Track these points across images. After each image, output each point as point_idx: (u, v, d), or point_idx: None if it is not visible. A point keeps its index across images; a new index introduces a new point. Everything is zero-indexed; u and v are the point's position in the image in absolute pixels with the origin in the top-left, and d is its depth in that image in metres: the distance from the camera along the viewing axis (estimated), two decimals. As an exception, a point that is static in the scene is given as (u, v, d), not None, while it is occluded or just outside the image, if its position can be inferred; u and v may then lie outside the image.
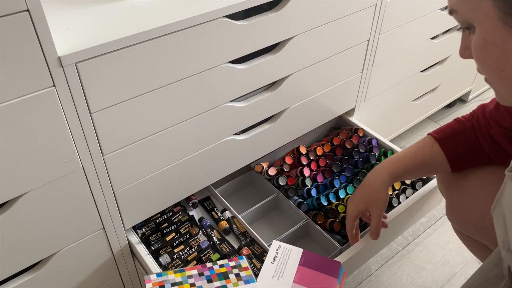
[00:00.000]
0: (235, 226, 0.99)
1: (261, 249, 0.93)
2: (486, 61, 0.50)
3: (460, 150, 0.81)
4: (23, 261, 0.77)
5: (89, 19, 0.72)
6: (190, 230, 0.95)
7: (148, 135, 0.80)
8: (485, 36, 0.48)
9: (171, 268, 0.87)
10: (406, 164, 0.85)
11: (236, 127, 0.96)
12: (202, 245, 0.92)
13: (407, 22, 1.19)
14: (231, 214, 1.01)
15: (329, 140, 1.19)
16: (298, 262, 0.80)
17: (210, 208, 1.04)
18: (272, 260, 0.80)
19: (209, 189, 1.07)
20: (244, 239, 0.96)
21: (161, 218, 0.97)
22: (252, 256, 0.91)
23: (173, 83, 0.77)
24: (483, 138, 0.79)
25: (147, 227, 0.95)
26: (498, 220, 0.60)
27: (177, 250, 0.90)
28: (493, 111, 0.77)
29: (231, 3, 0.77)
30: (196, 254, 0.90)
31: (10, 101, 0.61)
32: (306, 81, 1.03)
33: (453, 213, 0.86)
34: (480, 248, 0.88)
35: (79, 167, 0.74)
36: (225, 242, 0.96)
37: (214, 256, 0.90)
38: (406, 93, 1.41)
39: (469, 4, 0.48)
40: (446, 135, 0.82)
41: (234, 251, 0.93)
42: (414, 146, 0.86)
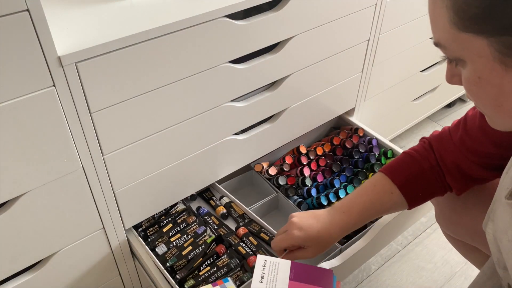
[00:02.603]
0: (232, 209, 1.00)
1: (258, 226, 0.94)
2: (480, 96, 0.48)
3: (420, 193, 0.76)
4: (23, 261, 0.77)
5: (89, 19, 0.72)
6: (187, 219, 0.96)
7: (148, 135, 0.80)
8: (479, 74, 0.45)
9: (168, 256, 0.87)
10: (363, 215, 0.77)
11: (236, 127, 0.96)
12: (198, 231, 0.93)
13: (407, 22, 1.19)
14: (229, 199, 1.02)
15: (329, 140, 1.19)
16: (288, 277, 0.74)
17: (208, 197, 1.05)
18: (260, 279, 0.73)
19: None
20: (243, 220, 0.97)
21: (159, 212, 0.98)
22: (249, 234, 0.92)
23: (173, 82, 0.77)
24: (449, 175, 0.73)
25: (146, 221, 0.96)
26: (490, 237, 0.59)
27: (173, 239, 0.91)
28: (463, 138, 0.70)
29: (231, 3, 0.77)
30: (192, 240, 0.91)
31: (10, 101, 0.61)
32: (306, 81, 1.03)
33: (443, 218, 0.85)
34: (472, 251, 0.87)
35: (79, 167, 0.74)
36: (223, 226, 0.97)
37: (209, 239, 0.91)
38: (406, 93, 1.41)
39: (460, 41, 0.44)
40: (405, 179, 0.75)
41: (232, 232, 0.94)
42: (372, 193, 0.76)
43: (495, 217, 0.57)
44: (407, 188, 0.75)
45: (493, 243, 0.59)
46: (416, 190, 0.75)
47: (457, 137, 0.71)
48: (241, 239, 0.93)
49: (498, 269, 0.60)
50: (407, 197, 0.75)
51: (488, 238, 0.60)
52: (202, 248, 0.89)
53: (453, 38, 0.45)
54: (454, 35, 0.44)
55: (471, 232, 0.79)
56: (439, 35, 0.47)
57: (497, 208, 0.57)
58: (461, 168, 0.72)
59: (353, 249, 0.90)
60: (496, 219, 0.57)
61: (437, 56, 1.42)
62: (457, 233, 0.84)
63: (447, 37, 0.46)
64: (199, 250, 0.89)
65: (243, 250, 0.90)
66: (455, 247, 0.93)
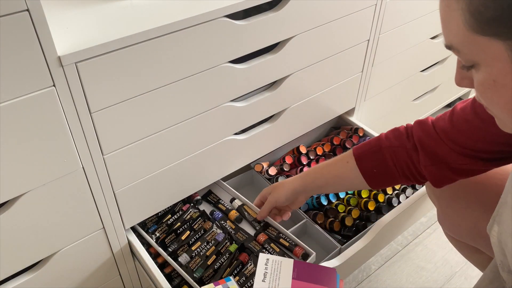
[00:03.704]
0: (246, 213, 0.98)
1: (276, 231, 0.93)
2: (494, 100, 0.47)
3: (374, 168, 0.80)
4: (23, 261, 0.77)
5: (89, 19, 0.72)
6: (204, 225, 0.94)
7: (148, 135, 0.80)
8: (494, 77, 0.44)
9: (192, 266, 0.86)
10: (317, 172, 0.88)
11: (236, 127, 0.96)
12: (218, 238, 0.92)
13: (407, 22, 1.19)
14: (241, 202, 1.01)
15: (329, 140, 1.19)
16: (291, 276, 0.74)
17: (215, 201, 1.03)
18: (262, 278, 0.74)
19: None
20: (258, 224, 0.96)
21: (172, 218, 0.96)
22: (269, 241, 0.91)
23: (173, 83, 0.77)
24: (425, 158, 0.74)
25: (160, 231, 0.94)
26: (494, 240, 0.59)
27: (194, 247, 0.90)
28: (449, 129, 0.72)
29: (231, 3, 0.77)
30: (213, 248, 0.90)
31: (10, 101, 0.61)
32: (306, 81, 1.03)
33: (446, 219, 0.84)
34: (474, 253, 0.87)
35: (79, 167, 0.74)
36: (240, 231, 0.95)
37: (232, 247, 0.90)
38: (406, 93, 1.41)
39: (475, 44, 0.43)
40: (363, 152, 0.81)
41: (251, 238, 0.93)
42: (333, 159, 0.87)
43: (501, 220, 0.57)
44: (361, 160, 0.81)
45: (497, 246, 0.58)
46: (370, 165, 0.81)
47: (440, 127, 0.73)
48: (263, 245, 0.91)
49: (501, 272, 0.60)
50: (361, 169, 0.81)
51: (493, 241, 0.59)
52: (227, 257, 0.88)
53: (468, 41, 0.43)
54: (469, 38, 0.43)
55: (474, 234, 0.79)
56: (452, 38, 0.46)
57: (503, 211, 0.56)
58: (440, 154, 0.73)
59: (353, 249, 0.90)
60: (502, 222, 0.56)
61: (437, 56, 1.42)
62: (459, 235, 0.84)
63: (461, 40, 0.44)
64: (224, 259, 0.88)
65: None
66: (457, 248, 0.93)
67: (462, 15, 0.42)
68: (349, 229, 1.00)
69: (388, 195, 1.07)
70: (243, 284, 0.84)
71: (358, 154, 0.81)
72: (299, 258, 0.88)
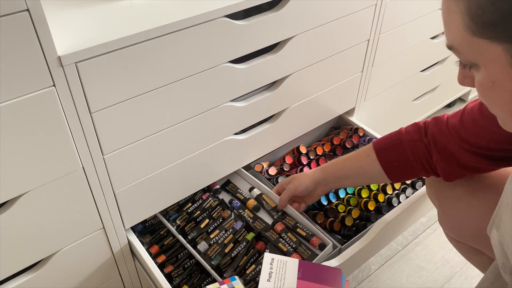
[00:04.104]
0: (265, 202, 0.99)
1: (294, 221, 0.95)
2: (494, 100, 0.48)
3: (394, 162, 0.82)
4: (23, 261, 0.77)
5: (89, 19, 0.72)
6: (222, 214, 0.96)
7: (148, 135, 0.80)
8: (493, 78, 0.45)
9: (210, 253, 0.87)
10: (338, 164, 0.91)
11: (236, 127, 0.96)
12: (236, 226, 0.93)
13: (407, 22, 1.19)
14: (259, 191, 1.02)
15: (329, 140, 1.19)
16: (297, 276, 0.74)
17: (233, 191, 1.04)
18: (268, 278, 0.73)
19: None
20: (276, 213, 0.97)
21: (193, 207, 0.98)
22: (286, 230, 0.92)
23: (173, 83, 0.78)
24: (438, 154, 0.77)
25: (181, 219, 0.96)
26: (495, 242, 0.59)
27: (212, 235, 0.91)
28: (458, 126, 0.74)
29: (231, 3, 0.77)
30: (231, 236, 0.91)
31: (10, 101, 0.61)
32: (306, 81, 1.03)
33: (447, 220, 0.84)
34: (475, 254, 0.87)
35: (79, 167, 0.74)
36: (258, 220, 0.96)
37: (249, 235, 0.91)
38: (406, 93, 1.41)
39: (474, 46, 0.44)
40: (383, 146, 0.84)
41: (269, 227, 0.94)
42: (354, 152, 0.90)
43: (501, 222, 0.57)
44: (382, 154, 0.83)
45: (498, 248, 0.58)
46: (391, 158, 0.83)
47: (452, 124, 0.75)
48: (280, 235, 0.92)
49: (503, 274, 0.60)
50: (381, 162, 0.83)
51: (493, 243, 0.59)
52: (244, 246, 0.89)
53: (467, 43, 0.44)
54: (468, 40, 0.44)
55: (475, 235, 0.79)
56: (452, 39, 0.47)
57: (503, 213, 0.56)
58: (451, 151, 0.75)
59: (353, 249, 0.90)
60: (503, 224, 0.56)
61: (437, 56, 1.42)
62: (460, 236, 0.84)
63: (461, 42, 0.45)
64: (241, 248, 0.89)
65: (283, 247, 0.90)
66: (458, 249, 0.92)
67: (462, 17, 0.43)
68: (349, 229, 1.00)
69: (388, 195, 1.07)
70: (257, 273, 0.84)
71: (379, 148, 0.84)
72: (316, 248, 0.90)
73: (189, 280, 0.91)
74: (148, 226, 0.98)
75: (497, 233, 0.58)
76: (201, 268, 0.93)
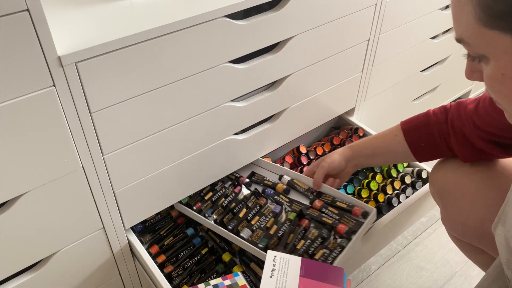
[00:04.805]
0: (297, 185, 1.00)
1: (331, 196, 0.97)
2: (503, 92, 0.48)
3: (422, 143, 0.86)
4: (23, 261, 0.77)
5: (89, 19, 0.72)
6: (258, 202, 0.97)
7: (148, 135, 0.80)
8: (503, 70, 0.45)
9: (255, 238, 0.88)
10: (366, 143, 0.94)
11: (236, 127, 0.96)
12: (276, 210, 0.94)
13: (407, 22, 1.19)
14: (290, 177, 1.03)
15: (329, 140, 1.19)
16: (299, 274, 0.74)
17: (260, 179, 1.05)
18: (270, 274, 0.74)
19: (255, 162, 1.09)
20: (311, 194, 0.98)
21: (227, 200, 0.98)
22: (326, 205, 0.94)
23: (173, 83, 0.78)
24: (454, 137, 0.81)
25: (217, 213, 0.96)
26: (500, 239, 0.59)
27: (253, 222, 0.92)
28: (473, 112, 0.77)
29: (231, 3, 0.77)
30: (273, 219, 0.92)
31: (10, 101, 0.61)
32: (306, 81, 1.03)
33: (450, 219, 0.85)
34: (478, 253, 0.87)
35: (79, 167, 0.74)
36: (294, 202, 0.97)
37: (291, 215, 0.93)
38: (406, 93, 1.41)
39: (484, 38, 0.44)
40: (411, 127, 0.87)
41: (307, 206, 0.96)
42: (382, 132, 0.93)
43: (507, 219, 0.57)
44: (410, 134, 0.86)
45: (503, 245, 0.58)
46: (418, 139, 0.86)
47: (469, 110, 0.78)
48: (320, 210, 0.94)
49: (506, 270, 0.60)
50: (408, 142, 0.86)
51: (498, 239, 0.59)
52: (288, 225, 0.90)
53: (478, 35, 0.44)
54: (479, 32, 0.44)
55: (478, 234, 0.79)
56: (462, 31, 0.47)
57: (509, 209, 0.56)
58: (466, 135, 0.79)
59: (353, 249, 0.90)
60: (509, 220, 0.57)
61: (437, 56, 1.42)
62: (463, 235, 0.84)
63: (471, 34, 0.45)
64: (285, 227, 0.89)
65: (328, 220, 0.91)
66: (460, 248, 0.93)
67: (472, 9, 0.43)
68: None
69: (388, 195, 1.07)
70: (309, 247, 0.86)
71: (406, 128, 0.87)
72: (359, 217, 0.92)
73: (189, 280, 0.91)
74: (148, 226, 0.98)
75: (503, 229, 0.58)
76: (201, 268, 0.93)
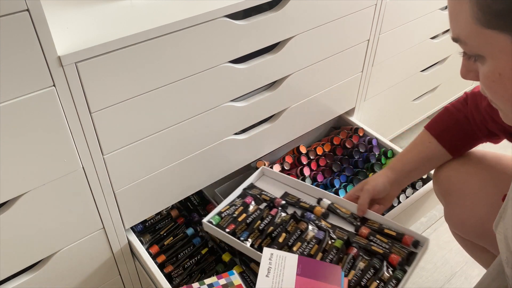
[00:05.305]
0: (339, 210, 0.93)
1: (377, 223, 0.89)
2: (499, 93, 0.47)
3: (458, 142, 0.85)
4: (23, 261, 0.77)
5: (89, 19, 0.72)
6: (298, 226, 0.88)
7: (148, 135, 0.80)
8: (500, 70, 0.44)
9: None
10: (402, 160, 0.90)
11: (236, 127, 0.96)
12: (319, 236, 0.86)
13: (407, 22, 1.19)
14: (330, 201, 0.95)
15: (329, 140, 1.19)
16: (296, 272, 0.72)
17: (295, 201, 0.97)
18: (266, 273, 0.71)
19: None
20: (355, 220, 0.90)
21: (263, 223, 0.89)
22: (373, 233, 0.87)
23: (173, 83, 0.78)
24: (478, 130, 0.82)
25: (253, 236, 0.87)
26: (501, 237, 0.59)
27: (295, 248, 0.83)
28: (488, 108, 0.77)
29: (231, 3, 0.77)
30: (317, 246, 0.84)
31: (10, 101, 0.61)
32: (306, 81, 1.03)
33: (452, 217, 0.85)
34: (480, 251, 0.88)
35: (79, 167, 0.74)
36: (337, 228, 0.89)
37: (337, 242, 0.85)
38: (406, 93, 1.41)
39: (482, 37, 0.43)
40: (441, 130, 0.86)
41: (353, 234, 0.88)
42: (412, 144, 0.90)
43: (505, 216, 0.57)
44: (443, 137, 0.85)
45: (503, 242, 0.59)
46: (453, 139, 0.85)
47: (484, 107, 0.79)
48: (368, 238, 0.87)
49: (506, 268, 0.60)
50: (445, 146, 0.85)
51: (499, 237, 0.60)
52: (335, 253, 0.83)
53: (475, 34, 0.44)
54: (476, 31, 0.43)
55: (479, 232, 0.79)
56: (459, 30, 0.46)
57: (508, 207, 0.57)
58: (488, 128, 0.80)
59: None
60: (507, 217, 0.57)
61: (437, 56, 1.42)
62: (465, 232, 0.84)
63: (468, 33, 0.45)
64: (332, 255, 0.82)
65: (378, 250, 0.83)
66: (463, 246, 0.93)
67: (470, 8, 0.43)
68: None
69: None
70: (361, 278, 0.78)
71: (437, 132, 0.86)
72: (410, 246, 0.85)
73: (189, 280, 0.91)
74: (148, 226, 0.98)
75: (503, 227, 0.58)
76: (201, 268, 0.93)
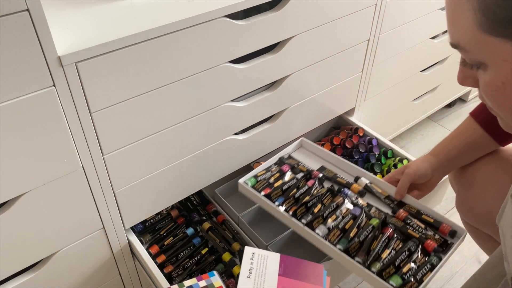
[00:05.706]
0: (375, 191, 0.94)
1: (415, 208, 0.90)
2: (500, 102, 0.46)
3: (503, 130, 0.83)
4: (23, 261, 0.77)
5: (89, 19, 0.72)
6: (335, 200, 0.90)
7: (148, 135, 0.80)
8: (503, 79, 0.43)
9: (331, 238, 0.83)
10: (447, 146, 0.87)
11: (236, 127, 0.96)
12: (355, 212, 0.88)
13: (407, 22, 1.19)
14: (368, 180, 0.97)
15: (329, 140, 1.19)
16: (278, 272, 0.71)
17: (331, 176, 1.00)
18: (248, 274, 0.70)
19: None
20: (391, 202, 0.92)
21: (299, 192, 0.92)
22: (410, 217, 0.88)
23: (173, 83, 0.78)
24: None
25: (287, 203, 0.90)
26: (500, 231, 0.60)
27: (330, 220, 0.85)
28: None
29: (231, 3, 0.77)
30: (352, 221, 0.86)
31: (10, 101, 0.61)
32: (306, 81, 1.03)
33: (462, 205, 0.86)
34: (487, 240, 0.89)
35: (79, 167, 0.74)
36: (373, 207, 0.91)
37: (373, 220, 0.86)
38: (406, 92, 1.41)
39: (485, 45, 0.42)
40: (485, 117, 0.82)
41: (390, 215, 0.90)
42: (456, 130, 0.87)
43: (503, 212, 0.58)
44: (488, 125, 0.81)
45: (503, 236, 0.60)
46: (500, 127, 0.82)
47: None
48: (405, 221, 0.88)
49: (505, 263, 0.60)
50: (490, 133, 0.81)
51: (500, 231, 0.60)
52: (371, 230, 0.84)
53: (477, 41, 0.42)
54: (479, 38, 0.42)
55: (486, 220, 0.80)
56: (460, 36, 0.44)
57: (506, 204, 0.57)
58: None
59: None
60: (504, 214, 0.57)
61: (437, 56, 1.42)
62: (473, 220, 0.85)
63: (470, 40, 0.43)
64: (367, 232, 0.84)
65: (415, 234, 0.85)
66: (472, 236, 0.94)
67: (473, 14, 0.41)
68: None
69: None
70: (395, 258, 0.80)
71: (482, 120, 0.83)
72: (446, 235, 0.86)
73: (189, 280, 0.91)
74: (148, 226, 0.98)
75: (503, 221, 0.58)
76: (201, 268, 0.93)
